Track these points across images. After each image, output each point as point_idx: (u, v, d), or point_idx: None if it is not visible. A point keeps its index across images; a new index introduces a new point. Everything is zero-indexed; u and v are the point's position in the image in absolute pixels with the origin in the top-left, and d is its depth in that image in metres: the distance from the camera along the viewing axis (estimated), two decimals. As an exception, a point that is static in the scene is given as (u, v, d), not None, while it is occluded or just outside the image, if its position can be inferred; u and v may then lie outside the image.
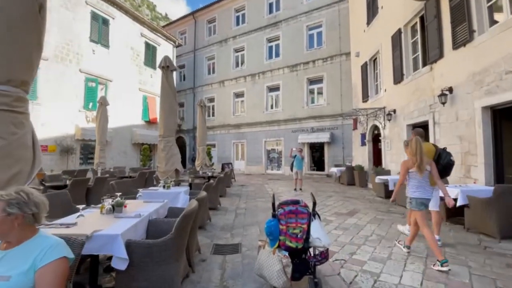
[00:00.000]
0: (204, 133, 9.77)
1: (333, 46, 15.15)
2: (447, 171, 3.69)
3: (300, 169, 9.14)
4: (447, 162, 3.61)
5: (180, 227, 2.25)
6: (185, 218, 2.26)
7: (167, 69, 5.72)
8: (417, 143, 3.11)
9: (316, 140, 14.88)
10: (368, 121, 10.32)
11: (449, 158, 3.63)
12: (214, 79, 20.33)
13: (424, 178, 3.16)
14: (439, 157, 3.65)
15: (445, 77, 5.87)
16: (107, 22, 13.67)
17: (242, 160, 18.68)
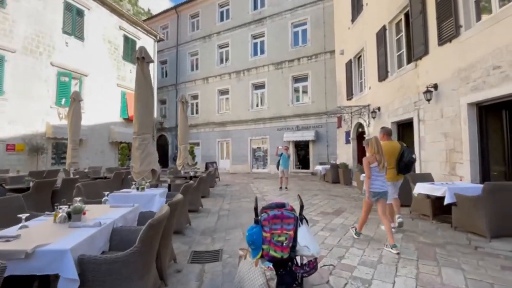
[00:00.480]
0: (186, 130, 9.31)
1: (318, 44, 15.08)
2: (409, 167, 4.11)
3: (286, 167, 8.95)
4: (409, 160, 4.00)
5: (146, 238, 1.91)
6: (152, 228, 1.92)
7: (143, 60, 5.26)
8: (376, 144, 3.52)
9: (301, 138, 14.78)
10: (353, 119, 10.29)
11: (411, 156, 4.01)
12: (198, 76, 19.76)
13: (382, 173, 3.54)
14: (402, 155, 4.02)
15: (430, 74, 5.82)
16: (82, 13, 12.80)
17: (227, 159, 18.28)
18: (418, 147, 6.27)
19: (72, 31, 12.27)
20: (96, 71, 13.42)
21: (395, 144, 4.17)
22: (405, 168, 4.06)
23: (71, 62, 12.19)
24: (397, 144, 4.17)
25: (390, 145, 4.14)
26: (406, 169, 4.08)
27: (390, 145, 4.13)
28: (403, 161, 3.99)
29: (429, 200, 4.67)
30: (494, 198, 3.52)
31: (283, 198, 7.46)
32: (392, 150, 4.05)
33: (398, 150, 4.06)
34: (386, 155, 3.71)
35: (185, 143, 9.23)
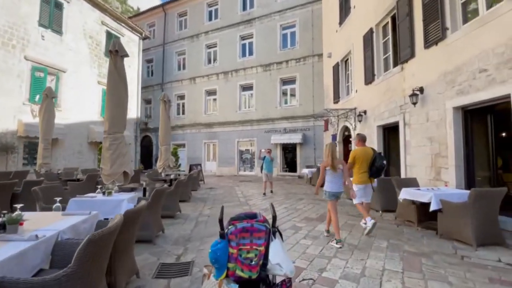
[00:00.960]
0: (168, 130, 8.90)
1: (306, 46, 15.03)
2: (380, 172, 4.35)
3: (270, 171, 8.53)
4: (380, 165, 4.25)
5: (84, 256, 1.57)
6: (91, 244, 1.59)
7: (117, 54, 4.89)
8: (329, 148, 3.85)
9: (289, 141, 14.61)
10: (339, 122, 10.20)
11: (382, 162, 4.26)
12: (185, 75, 19.30)
13: (337, 175, 3.85)
14: (374, 160, 4.28)
15: (416, 77, 5.75)
16: (61, 6, 12.15)
17: (213, 161, 17.87)
18: (404, 152, 6.17)
19: (49, 24, 11.62)
20: (75, 67, 12.77)
21: (368, 150, 4.47)
22: (377, 173, 4.34)
23: (47, 57, 11.53)
24: (370, 150, 4.46)
25: (364, 151, 4.44)
26: (378, 173, 4.35)
27: (364, 151, 4.43)
28: (375, 166, 4.27)
29: (414, 206, 4.52)
30: (480, 205, 3.39)
31: (267, 203, 7.19)
32: (366, 155, 4.36)
33: (371, 155, 4.34)
34: (360, 160, 4.32)
35: (167, 144, 8.81)
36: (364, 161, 4.33)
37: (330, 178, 3.85)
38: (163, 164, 8.72)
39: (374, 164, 4.27)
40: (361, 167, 4.32)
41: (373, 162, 4.28)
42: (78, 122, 12.90)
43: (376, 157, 4.29)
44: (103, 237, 1.67)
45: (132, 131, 16.36)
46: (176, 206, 5.53)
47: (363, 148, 4.50)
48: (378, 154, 4.36)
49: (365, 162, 4.33)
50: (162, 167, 8.72)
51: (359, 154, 4.39)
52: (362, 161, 4.33)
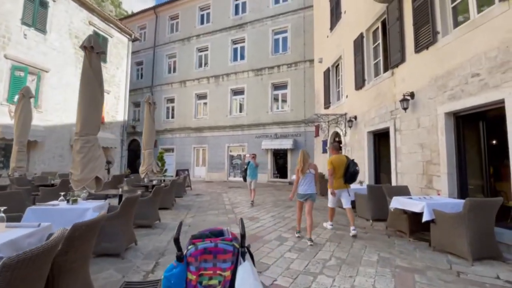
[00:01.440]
0: (152, 134, 8.52)
1: (298, 52, 14.98)
2: (353, 177, 4.68)
3: (255, 178, 7.78)
4: (353, 171, 4.62)
5: None
6: (5, 270, 1.24)
7: (92, 50, 4.55)
8: (302, 155, 4.31)
9: (280, 147, 14.38)
10: (330, 128, 10.03)
11: (355, 168, 4.63)
12: (175, 79, 18.96)
13: (307, 179, 4.25)
14: (348, 166, 4.65)
15: (406, 82, 5.61)
16: (46, 5, 11.71)
17: (203, 166, 17.45)
18: (394, 158, 5.99)
19: (33, 23, 11.15)
20: (58, 67, 12.28)
21: (342, 157, 4.86)
22: (351, 178, 4.68)
23: (29, 56, 11.02)
24: (344, 158, 4.84)
25: (339, 158, 4.83)
26: (352, 179, 4.69)
27: (339, 158, 4.82)
28: (349, 172, 4.63)
29: (406, 215, 4.29)
30: (475, 216, 3.17)
31: (255, 211, 6.87)
32: (340, 162, 4.73)
33: (345, 162, 4.72)
34: (335, 167, 4.71)
35: (150, 148, 8.41)
36: (339, 168, 4.71)
37: (301, 181, 4.32)
38: (146, 169, 8.31)
39: (348, 170, 4.63)
40: (337, 173, 4.71)
41: (347, 169, 4.65)
42: (60, 124, 12.35)
43: (350, 164, 4.67)
44: (24, 261, 1.33)
45: (119, 134, 15.83)
46: (155, 215, 5.14)
47: (338, 155, 4.91)
48: (351, 161, 4.73)
49: (340, 169, 4.71)
50: (145, 172, 8.30)
51: (335, 161, 4.76)
52: (337, 168, 4.72)
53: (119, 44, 16.05)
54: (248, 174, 7.77)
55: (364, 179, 7.15)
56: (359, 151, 7.71)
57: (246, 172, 7.84)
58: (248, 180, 7.79)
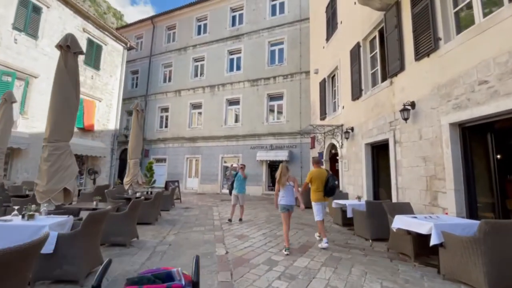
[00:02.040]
0: (139, 143, 8.08)
1: (294, 63, 14.87)
2: (333, 191, 4.86)
3: (242, 192, 6.85)
4: (332, 185, 4.80)
5: None
6: None
7: (68, 50, 4.19)
8: (282, 168, 4.59)
9: (275, 158, 13.95)
10: (326, 140, 9.68)
11: (334, 182, 4.84)
12: (170, 88, 18.70)
13: (287, 190, 4.49)
14: (327, 180, 4.81)
15: (406, 91, 5.31)
16: (39, 10, 11.51)
17: (195, 177, 16.88)
18: (395, 172, 5.60)
19: (24, 28, 10.88)
20: (48, 73, 11.88)
21: (323, 171, 5.02)
22: (330, 191, 4.83)
23: (18, 61, 10.68)
24: (324, 171, 5.00)
25: (319, 172, 4.97)
26: (331, 192, 4.84)
27: (319, 172, 4.97)
28: (328, 185, 4.79)
29: (410, 237, 3.86)
30: (493, 241, 2.74)
31: (245, 228, 6.35)
32: (321, 176, 4.89)
33: (325, 176, 4.87)
34: (316, 180, 4.88)
35: (136, 158, 7.95)
36: (319, 181, 4.86)
37: (281, 193, 4.55)
38: (130, 180, 7.80)
39: (328, 184, 4.80)
40: (317, 186, 4.86)
41: (327, 182, 4.81)
42: (46, 131, 11.84)
43: (329, 178, 4.84)
44: None
45: (109, 143, 15.32)
46: (131, 232, 4.62)
47: (318, 169, 5.07)
48: (331, 175, 4.91)
49: (320, 182, 4.85)
50: (129, 184, 7.79)
51: (315, 175, 4.94)
52: (317, 181, 4.87)
53: (114, 52, 15.84)
54: (235, 187, 6.89)
55: (362, 194, 6.72)
56: (356, 163, 7.31)
57: (233, 185, 7.02)
58: (234, 193, 6.87)
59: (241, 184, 6.89)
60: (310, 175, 5.03)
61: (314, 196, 4.90)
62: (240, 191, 6.85)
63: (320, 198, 4.86)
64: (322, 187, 4.82)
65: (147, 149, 18.65)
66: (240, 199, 6.85)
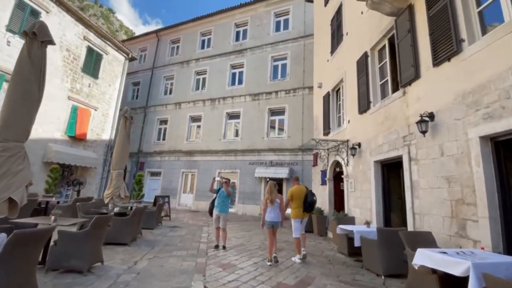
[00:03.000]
0: (124, 153, 7.38)
1: (297, 79, 14.49)
2: (312, 206, 5.10)
3: (224, 212, 5.68)
4: (310, 200, 5.03)
5: None
6: None
7: (34, 37, 3.64)
8: (270, 186, 4.90)
9: (274, 175, 13.12)
10: (329, 157, 8.95)
11: (312, 198, 5.06)
12: (170, 100, 18.35)
13: (273, 208, 4.80)
14: (306, 196, 5.02)
15: (423, 101, 4.66)
16: (38, 15, 11.38)
17: (190, 193, 15.99)
18: (410, 194, 4.81)
19: (19, 30, 10.65)
20: (42, 79, 11.54)
21: (302, 188, 5.23)
22: (309, 207, 5.05)
23: (9, 64, 10.32)
24: (303, 188, 5.22)
25: (299, 189, 5.17)
26: (310, 207, 5.08)
27: (299, 189, 5.16)
28: (307, 201, 4.98)
29: (436, 276, 3.04)
30: None
31: (234, 254, 5.49)
32: (300, 192, 5.09)
33: (304, 192, 5.09)
34: (295, 197, 5.06)
35: (120, 168, 7.22)
36: (299, 198, 5.05)
37: (268, 210, 4.79)
38: (111, 193, 7.02)
39: (307, 200, 5.00)
40: (297, 203, 5.04)
41: (306, 198, 5.01)
42: (34, 138, 11.23)
43: (308, 194, 5.06)
44: None
45: (102, 154, 14.68)
46: (93, 255, 3.81)
47: (298, 186, 5.26)
48: (309, 191, 5.13)
49: (300, 199, 5.04)
50: (110, 197, 7.00)
51: (295, 191, 5.13)
52: (297, 198, 5.05)
53: (114, 62, 15.65)
54: (216, 205, 5.74)
55: (371, 219, 5.88)
56: (364, 183, 6.53)
57: (214, 203, 5.91)
58: (215, 213, 5.71)
59: (223, 202, 5.74)
60: (290, 192, 5.20)
61: (294, 213, 5.07)
62: (223, 210, 5.68)
63: (300, 215, 5.04)
64: (301, 203, 5.03)
65: (143, 161, 17.97)
66: (221, 221, 5.64)
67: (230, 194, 5.82)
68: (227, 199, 5.82)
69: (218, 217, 5.69)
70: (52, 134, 12.03)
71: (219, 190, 5.88)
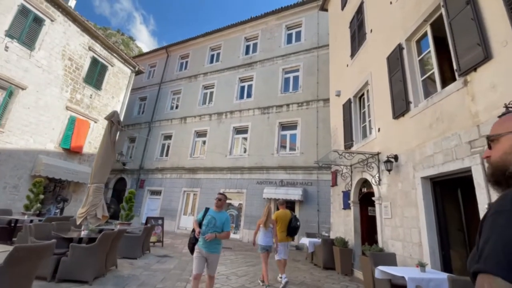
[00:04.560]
0: (106, 164, 6.14)
1: (310, 91, 13.35)
2: (295, 231, 5.38)
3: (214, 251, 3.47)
4: (294, 225, 5.35)
5: None
6: None
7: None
8: (267, 209, 5.03)
9: (286, 197, 11.50)
10: (353, 174, 7.41)
11: (296, 222, 5.40)
12: (176, 115, 17.52)
13: (267, 232, 4.88)
14: (290, 221, 5.36)
15: (501, 89, 3.25)
16: (41, 22, 11.00)
17: (191, 215, 14.46)
18: (490, 225, 3.21)
19: (19, 36, 10.19)
20: (39, 86, 10.91)
21: (287, 212, 5.52)
22: (293, 231, 5.33)
23: (5, 69, 9.74)
24: (289, 212, 5.53)
25: (284, 213, 5.46)
26: (293, 232, 5.33)
27: (284, 213, 5.45)
28: (291, 226, 5.30)
29: None
30: None
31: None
32: (285, 217, 5.38)
33: (289, 217, 5.40)
34: (280, 221, 5.28)
35: (99, 182, 5.96)
36: (283, 222, 5.29)
37: (262, 233, 4.90)
38: (86, 212, 5.72)
39: (291, 225, 5.29)
40: (281, 227, 5.23)
41: (290, 223, 5.30)
42: (22, 148, 10.35)
43: (292, 219, 5.38)
44: None
45: (99, 169, 13.59)
46: None
47: (283, 211, 5.50)
48: (294, 216, 5.45)
49: (284, 223, 5.29)
50: (83, 217, 5.70)
51: (280, 216, 5.36)
52: (281, 222, 5.27)
53: (120, 74, 15.14)
54: (200, 240, 3.46)
55: (422, 257, 4.23)
56: (406, 208, 4.94)
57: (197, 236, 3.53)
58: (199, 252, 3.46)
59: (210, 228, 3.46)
60: (275, 216, 5.33)
61: (278, 236, 5.08)
62: (212, 249, 3.43)
63: (283, 238, 5.17)
64: (285, 227, 5.22)
65: (143, 179, 16.80)
66: (209, 265, 3.48)
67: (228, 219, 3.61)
68: (226, 226, 3.56)
69: (205, 260, 3.45)
70: (44, 146, 11.12)
71: (206, 212, 3.66)
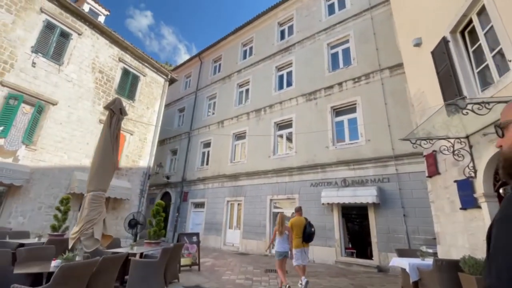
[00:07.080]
0: (107, 166, 4.54)
1: (369, 61, 10.42)
2: (311, 237, 5.43)
3: None
4: (309, 232, 5.40)
5: None
6: None
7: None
8: (280, 217, 5.45)
9: (353, 200, 8.63)
10: (478, 149, 4.40)
11: (310, 229, 5.43)
12: (213, 120, 16.21)
13: (283, 239, 5.29)
14: (305, 227, 5.43)
15: None
16: (68, 36, 10.79)
17: (237, 228, 12.48)
18: None
19: (46, 52, 9.98)
20: (70, 101, 10.54)
21: (302, 219, 5.61)
22: (308, 238, 5.40)
23: (33, 86, 9.49)
24: (303, 219, 5.59)
25: (299, 220, 5.58)
26: (309, 238, 5.41)
27: (299, 220, 5.57)
28: (306, 232, 5.36)
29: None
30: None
31: None
32: (300, 223, 5.48)
33: (303, 223, 5.47)
34: (295, 228, 5.44)
35: (98, 190, 4.33)
36: (298, 229, 5.41)
37: (278, 241, 5.28)
38: (79, 231, 4.10)
39: (306, 231, 5.37)
40: (296, 233, 5.39)
41: (305, 229, 5.38)
42: (57, 166, 9.86)
43: (306, 225, 5.42)
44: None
45: (138, 183, 12.79)
46: None
47: (298, 217, 5.64)
48: (308, 223, 5.48)
49: (299, 229, 5.41)
50: (77, 237, 4.08)
51: (294, 223, 5.50)
52: (296, 229, 5.42)
53: (153, 84, 14.53)
54: None
55: None
56: None
57: None
58: None
59: None
60: (290, 223, 5.52)
61: (294, 243, 5.31)
62: None
63: (299, 245, 5.34)
64: (301, 234, 5.36)
65: (186, 191, 15.64)
66: None
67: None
68: None
69: None
70: (79, 161, 10.58)
71: None
